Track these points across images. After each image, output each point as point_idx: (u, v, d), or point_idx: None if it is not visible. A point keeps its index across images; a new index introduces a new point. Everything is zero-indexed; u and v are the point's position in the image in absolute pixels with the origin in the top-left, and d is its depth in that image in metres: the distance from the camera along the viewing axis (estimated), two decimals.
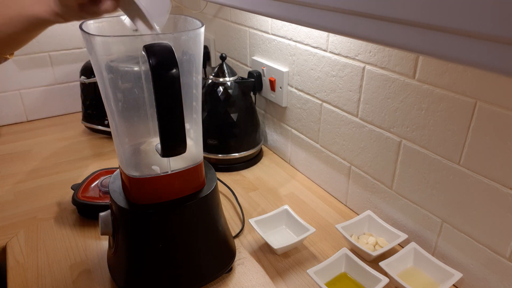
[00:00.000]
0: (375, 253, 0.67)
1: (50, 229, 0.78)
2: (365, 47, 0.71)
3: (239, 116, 0.96)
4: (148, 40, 0.49)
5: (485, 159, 0.56)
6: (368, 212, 0.77)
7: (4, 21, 0.53)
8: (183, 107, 0.50)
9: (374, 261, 0.68)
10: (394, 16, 0.30)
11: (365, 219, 0.76)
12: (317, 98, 0.86)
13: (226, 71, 0.97)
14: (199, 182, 0.62)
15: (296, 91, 0.93)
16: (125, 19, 0.60)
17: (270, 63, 0.99)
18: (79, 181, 0.93)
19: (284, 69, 0.94)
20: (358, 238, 0.73)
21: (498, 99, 0.52)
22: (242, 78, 1.01)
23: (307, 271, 0.61)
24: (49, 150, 1.09)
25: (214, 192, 0.63)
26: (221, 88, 0.96)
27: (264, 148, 1.11)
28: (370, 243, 0.71)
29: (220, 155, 0.98)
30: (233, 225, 0.79)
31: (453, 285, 0.63)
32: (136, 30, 0.56)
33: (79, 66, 1.30)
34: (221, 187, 0.92)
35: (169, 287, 0.60)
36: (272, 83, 0.98)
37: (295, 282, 0.66)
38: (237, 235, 0.76)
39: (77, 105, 1.34)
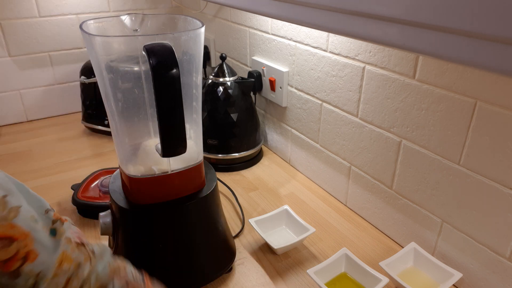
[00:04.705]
0: None
1: None
2: (365, 47, 0.71)
3: (239, 116, 0.96)
4: (148, 40, 0.49)
5: (485, 159, 0.56)
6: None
7: None
8: (183, 107, 0.50)
9: None
10: (394, 16, 0.30)
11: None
12: (317, 98, 0.86)
13: (226, 71, 0.97)
14: (199, 182, 0.62)
15: (296, 91, 0.93)
16: (125, 19, 0.60)
17: (270, 63, 0.99)
18: (79, 181, 0.93)
19: (284, 69, 0.94)
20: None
21: (498, 99, 0.52)
22: (242, 78, 1.01)
23: (307, 271, 0.61)
24: (49, 150, 1.09)
25: (214, 192, 0.63)
26: (221, 88, 0.96)
27: (264, 148, 1.11)
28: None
29: (220, 155, 0.98)
30: (233, 225, 0.79)
31: (453, 285, 0.63)
32: (136, 30, 0.56)
33: (79, 66, 1.30)
34: (221, 187, 0.92)
35: (169, 287, 0.60)
36: (272, 83, 0.98)
37: (295, 282, 0.66)
38: (237, 235, 0.76)
39: (77, 105, 1.34)
